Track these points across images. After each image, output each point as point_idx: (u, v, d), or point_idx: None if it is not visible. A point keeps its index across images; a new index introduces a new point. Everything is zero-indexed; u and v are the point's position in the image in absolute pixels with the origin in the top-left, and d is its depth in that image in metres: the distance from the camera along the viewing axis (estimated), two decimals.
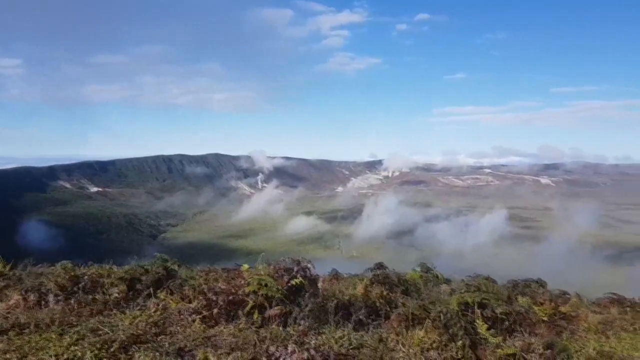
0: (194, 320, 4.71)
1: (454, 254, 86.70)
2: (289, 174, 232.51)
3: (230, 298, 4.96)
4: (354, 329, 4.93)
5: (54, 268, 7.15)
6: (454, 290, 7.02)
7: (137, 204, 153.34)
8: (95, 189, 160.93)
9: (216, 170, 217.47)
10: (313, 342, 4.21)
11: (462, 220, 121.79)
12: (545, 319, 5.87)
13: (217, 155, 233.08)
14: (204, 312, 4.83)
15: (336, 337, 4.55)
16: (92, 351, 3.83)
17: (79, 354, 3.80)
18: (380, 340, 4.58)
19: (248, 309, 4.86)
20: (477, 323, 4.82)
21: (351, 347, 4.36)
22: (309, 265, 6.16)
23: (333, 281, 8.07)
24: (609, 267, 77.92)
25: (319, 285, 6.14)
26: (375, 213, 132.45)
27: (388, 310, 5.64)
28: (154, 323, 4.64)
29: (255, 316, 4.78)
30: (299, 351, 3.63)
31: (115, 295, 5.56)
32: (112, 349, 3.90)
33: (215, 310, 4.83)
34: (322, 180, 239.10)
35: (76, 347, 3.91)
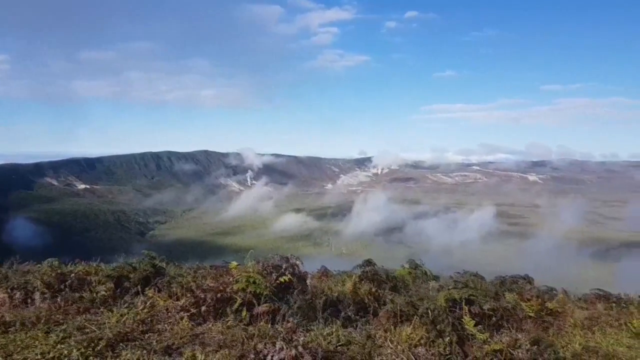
0: (181, 318, 4.69)
1: (443, 251, 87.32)
2: (278, 171, 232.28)
3: (219, 295, 4.94)
4: (343, 326, 4.93)
5: (40, 266, 7.08)
6: (442, 287, 7.05)
7: (125, 201, 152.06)
8: (82, 186, 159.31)
9: (205, 168, 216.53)
10: (301, 339, 4.20)
11: (450, 217, 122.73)
12: (532, 315, 5.92)
13: (206, 152, 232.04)
14: (191, 309, 4.81)
15: (324, 334, 4.56)
16: (79, 349, 3.79)
17: (65, 352, 3.76)
18: (369, 337, 4.59)
19: (236, 306, 4.84)
20: (464, 319, 4.85)
21: (339, 343, 4.37)
22: (298, 262, 6.16)
23: (322, 278, 8.08)
24: (595, 263, 79.00)
25: (308, 282, 6.13)
26: (364, 210, 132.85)
27: (376, 306, 5.66)
28: (141, 321, 4.61)
29: (244, 313, 4.76)
30: (287, 348, 3.63)
31: (103, 293, 5.51)
32: (98, 347, 3.87)
33: (203, 308, 4.81)
34: (311, 177, 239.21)
35: (62, 346, 3.88)
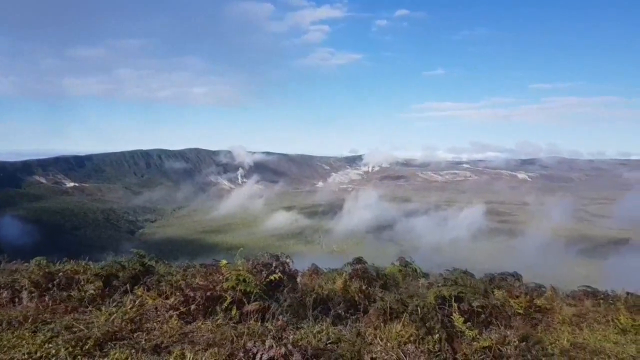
0: (171, 317, 4.66)
1: (433, 248, 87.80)
2: (269, 169, 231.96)
3: (208, 294, 4.93)
4: (333, 324, 4.94)
5: (28, 265, 7.03)
6: (431, 284, 7.10)
7: (115, 200, 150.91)
8: (71, 184, 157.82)
9: (195, 166, 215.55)
10: (291, 337, 4.21)
11: (440, 215, 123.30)
12: (520, 311, 5.97)
13: (196, 150, 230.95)
14: (181, 308, 4.79)
15: (314, 331, 4.56)
16: (67, 348, 3.77)
17: (53, 351, 3.73)
18: (358, 335, 4.61)
19: (226, 304, 4.83)
20: (453, 316, 4.88)
21: (329, 341, 4.38)
22: (288, 260, 6.17)
23: (313, 276, 8.08)
24: (583, 261, 79.83)
25: (298, 280, 6.14)
26: (355, 208, 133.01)
27: (367, 304, 5.69)
28: (130, 320, 4.58)
29: (234, 312, 4.76)
30: (276, 346, 3.63)
31: (91, 291, 5.47)
32: (87, 346, 3.84)
33: (193, 307, 4.79)
34: (302, 175, 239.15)
35: (50, 345, 3.85)
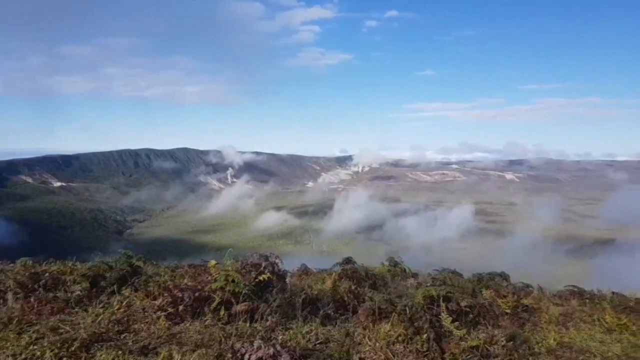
0: (158, 318, 4.63)
1: (422, 248, 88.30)
2: (259, 169, 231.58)
3: (197, 294, 4.89)
4: (322, 324, 4.94)
5: (13, 265, 6.94)
6: (420, 284, 7.13)
7: (103, 199, 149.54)
8: (58, 184, 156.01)
9: (184, 165, 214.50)
10: (280, 337, 4.20)
11: (429, 215, 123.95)
12: (508, 311, 6.02)
13: (185, 149, 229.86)
14: (169, 309, 4.75)
15: (303, 332, 4.56)
16: (52, 350, 3.72)
17: (38, 353, 3.68)
18: (347, 335, 4.61)
19: (214, 305, 4.80)
20: (442, 316, 4.91)
21: (318, 341, 4.38)
22: (277, 260, 6.15)
23: (302, 276, 8.09)
24: (570, 260, 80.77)
25: (287, 280, 6.14)
26: (345, 208, 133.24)
27: (356, 304, 5.69)
28: (117, 321, 4.54)
29: (222, 312, 4.73)
30: (264, 347, 3.62)
31: (78, 292, 5.41)
32: (72, 348, 3.79)
33: (181, 307, 4.76)
34: (292, 175, 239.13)
35: (35, 347, 3.79)
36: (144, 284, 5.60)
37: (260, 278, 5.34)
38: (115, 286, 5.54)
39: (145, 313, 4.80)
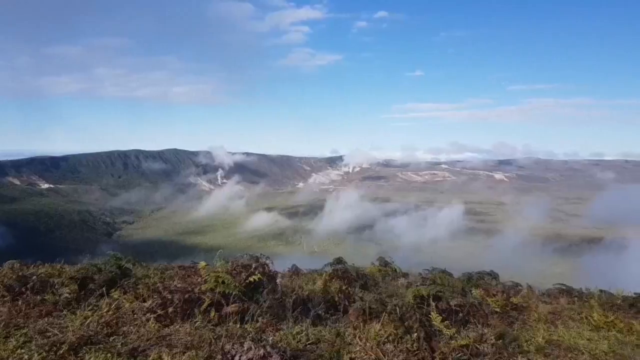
0: (148, 320, 4.59)
1: (412, 248, 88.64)
2: (249, 169, 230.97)
3: (187, 296, 4.87)
4: (313, 324, 4.94)
5: (0, 268, 6.85)
6: (410, 284, 7.16)
7: (91, 201, 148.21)
8: (46, 186, 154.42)
9: (174, 166, 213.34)
10: (270, 338, 4.19)
11: (420, 215, 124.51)
12: (497, 310, 6.06)
13: (175, 150, 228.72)
14: (158, 311, 4.72)
15: (294, 332, 4.56)
16: (40, 354, 3.68)
17: (26, 356, 3.64)
18: (338, 335, 4.62)
19: (204, 306, 4.78)
20: (432, 315, 4.93)
21: (309, 342, 4.37)
22: (268, 261, 6.14)
23: (293, 277, 8.09)
24: (558, 259, 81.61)
25: (278, 281, 6.12)
26: (336, 208, 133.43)
27: (347, 304, 5.69)
28: (106, 323, 4.50)
29: (212, 314, 4.71)
30: (255, 348, 3.61)
31: (66, 295, 5.35)
32: (61, 351, 3.76)
33: (171, 309, 4.73)
34: (283, 176, 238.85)
35: (22, 350, 3.75)
36: (133, 286, 5.56)
37: (251, 279, 5.32)
38: (104, 288, 5.49)
39: (135, 315, 4.76)
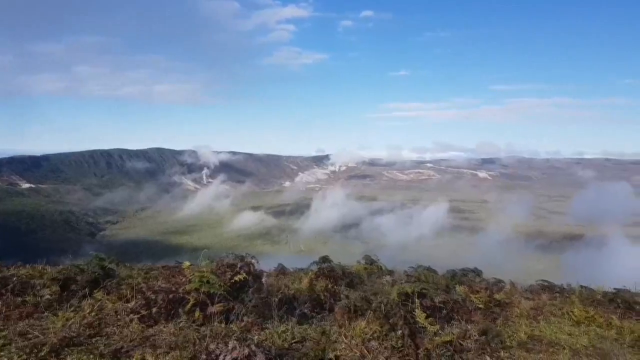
0: (131, 320, 4.55)
1: (398, 246, 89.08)
2: (235, 168, 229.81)
3: (171, 296, 4.83)
4: (298, 323, 4.95)
5: None
6: (395, 281, 7.19)
7: (74, 201, 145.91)
8: (27, 186, 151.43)
9: (159, 165, 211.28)
10: (256, 337, 4.19)
11: (405, 213, 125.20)
12: (481, 306, 6.12)
13: (159, 149, 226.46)
14: (142, 311, 4.68)
15: (279, 331, 4.56)
16: (20, 356, 3.63)
17: (6, 359, 3.58)
18: (323, 333, 4.63)
19: (189, 306, 4.75)
20: (416, 312, 4.97)
21: (294, 340, 4.38)
22: (253, 260, 6.13)
23: (279, 276, 8.07)
24: (541, 256, 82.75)
25: (264, 280, 6.11)
26: (322, 207, 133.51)
27: (332, 302, 5.71)
28: (88, 324, 4.45)
29: (197, 314, 4.68)
30: (239, 347, 3.60)
31: (47, 296, 5.28)
32: (42, 353, 3.71)
33: (155, 309, 4.69)
34: (269, 175, 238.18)
35: (2, 353, 3.70)
36: (116, 287, 5.50)
37: (236, 278, 5.30)
38: (86, 289, 5.42)
39: (118, 316, 4.71)
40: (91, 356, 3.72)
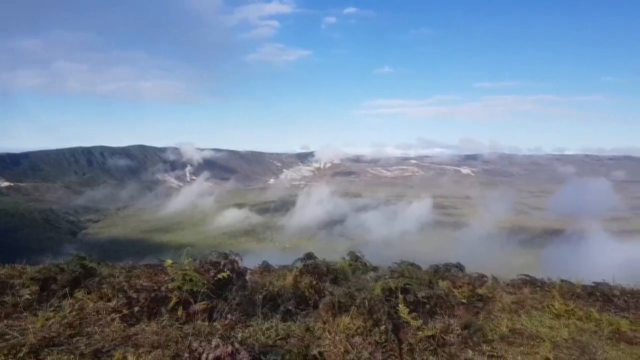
0: (113, 320, 4.50)
1: (383, 242, 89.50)
2: (219, 166, 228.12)
3: (153, 295, 4.79)
4: (283, 320, 4.95)
5: None
6: (379, 277, 7.23)
7: (54, 199, 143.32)
8: (6, 184, 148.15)
9: (141, 163, 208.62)
10: (239, 335, 4.17)
11: (390, 210, 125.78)
12: (463, 301, 6.20)
13: (142, 147, 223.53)
14: (124, 310, 4.63)
15: (263, 328, 4.55)
16: None
17: None
18: (307, 329, 4.64)
19: (172, 305, 4.71)
20: (399, 307, 5.00)
21: (278, 337, 4.38)
22: (237, 258, 6.10)
23: (264, 273, 8.07)
24: (522, 251, 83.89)
25: (247, 278, 6.08)
26: (307, 204, 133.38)
27: (317, 299, 5.72)
28: (68, 324, 4.38)
29: (180, 312, 4.65)
30: (223, 345, 3.58)
31: (27, 296, 5.20)
32: (20, 354, 3.65)
33: (137, 308, 4.64)
34: (253, 172, 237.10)
35: None
36: (97, 286, 5.43)
37: (220, 276, 5.27)
38: (67, 289, 5.35)
39: (99, 315, 4.66)
40: (71, 356, 3.66)
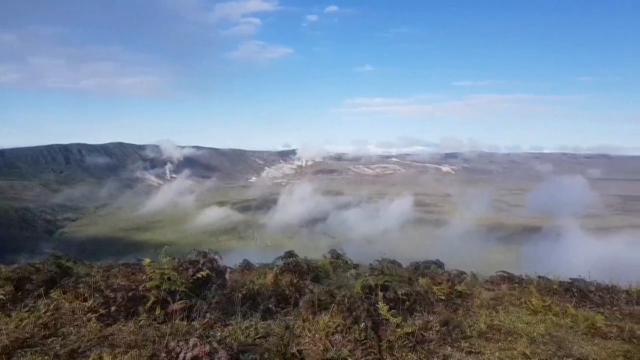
0: (89, 320, 4.43)
1: (364, 240, 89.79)
2: (200, 163, 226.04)
3: (130, 294, 4.72)
4: (262, 318, 4.93)
5: None
6: (360, 275, 7.26)
7: (31, 198, 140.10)
8: None
9: (120, 160, 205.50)
10: (218, 334, 4.15)
11: (371, 207, 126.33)
12: (443, 297, 6.26)
13: (120, 144, 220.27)
14: (100, 310, 4.56)
15: (243, 327, 4.53)
16: None
17: None
18: (287, 328, 4.63)
19: (149, 304, 4.66)
20: (379, 305, 5.03)
21: (258, 336, 4.36)
22: (217, 256, 6.05)
23: (244, 272, 8.01)
24: (501, 247, 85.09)
25: (227, 276, 6.05)
26: (289, 202, 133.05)
27: (297, 297, 5.71)
28: (43, 325, 4.30)
29: (158, 312, 4.60)
30: (201, 344, 3.55)
31: (1, 297, 5.07)
32: None
33: (113, 308, 4.57)
34: (235, 170, 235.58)
35: None
36: (73, 286, 5.34)
37: (199, 275, 5.23)
38: (42, 289, 5.25)
39: (75, 315, 4.58)
40: (46, 357, 3.60)
